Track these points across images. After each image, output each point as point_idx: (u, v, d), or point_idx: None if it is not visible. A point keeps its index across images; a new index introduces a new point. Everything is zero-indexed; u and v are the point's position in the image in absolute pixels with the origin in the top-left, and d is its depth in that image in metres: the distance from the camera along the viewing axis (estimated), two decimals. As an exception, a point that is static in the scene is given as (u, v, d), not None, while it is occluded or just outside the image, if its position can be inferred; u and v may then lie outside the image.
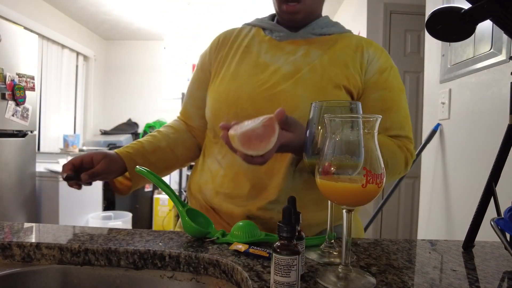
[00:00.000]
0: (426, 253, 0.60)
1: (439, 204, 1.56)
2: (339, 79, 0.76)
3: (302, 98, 0.73)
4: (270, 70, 0.78)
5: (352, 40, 0.83)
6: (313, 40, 0.82)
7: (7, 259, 0.59)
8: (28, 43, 2.44)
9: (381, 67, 0.80)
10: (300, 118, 0.70)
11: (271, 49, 0.82)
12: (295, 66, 0.77)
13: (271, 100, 0.74)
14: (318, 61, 0.78)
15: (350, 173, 0.43)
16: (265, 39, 0.85)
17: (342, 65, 0.78)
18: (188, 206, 0.65)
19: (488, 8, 0.52)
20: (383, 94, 0.78)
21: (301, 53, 0.80)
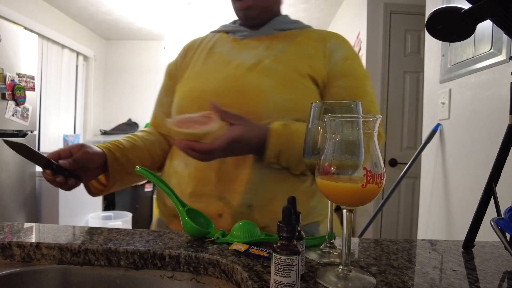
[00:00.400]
0: (426, 253, 0.60)
1: (439, 204, 1.56)
2: (304, 69, 0.77)
3: (267, 87, 0.74)
4: (233, 64, 0.80)
5: (314, 33, 0.86)
6: (275, 36, 0.85)
7: (7, 259, 0.59)
8: (28, 43, 2.44)
9: (344, 55, 0.82)
10: (266, 106, 0.72)
11: (235, 47, 0.84)
12: (258, 58, 0.79)
13: (236, 91, 0.75)
14: (281, 53, 0.80)
15: (350, 173, 0.43)
16: (228, 39, 0.87)
17: (306, 55, 0.80)
18: (188, 206, 0.65)
19: (488, 8, 0.52)
20: (348, 81, 0.79)
21: (264, 47, 0.82)
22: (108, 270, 0.57)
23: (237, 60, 0.80)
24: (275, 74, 0.76)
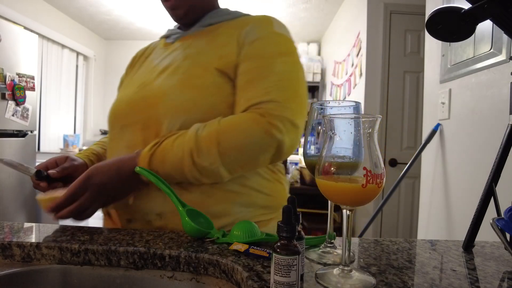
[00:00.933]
0: (426, 253, 0.60)
1: (439, 204, 1.56)
2: (209, 61, 0.72)
3: (169, 88, 0.71)
4: (151, 71, 0.79)
5: (240, 21, 0.78)
6: (200, 33, 0.81)
7: (7, 259, 0.59)
8: (28, 43, 2.45)
9: (254, 37, 0.72)
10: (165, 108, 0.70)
11: (163, 53, 0.83)
12: (172, 59, 0.77)
13: (142, 96, 0.74)
14: (195, 49, 0.77)
15: (350, 173, 0.43)
16: (161, 45, 0.86)
17: (218, 46, 0.74)
18: (189, 206, 0.65)
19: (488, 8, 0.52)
20: (249, 64, 0.70)
21: (185, 47, 0.79)
22: (108, 270, 0.57)
23: (156, 66, 0.79)
24: (181, 72, 0.72)
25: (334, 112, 0.55)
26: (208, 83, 0.70)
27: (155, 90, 0.73)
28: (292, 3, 3.42)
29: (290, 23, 3.97)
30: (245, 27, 0.75)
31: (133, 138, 0.73)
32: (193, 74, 0.71)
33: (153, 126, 0.70)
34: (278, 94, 0.66)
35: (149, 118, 0.71)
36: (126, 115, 0.75)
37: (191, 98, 0.69)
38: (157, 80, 0.74)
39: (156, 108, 0.70)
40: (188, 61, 0.74)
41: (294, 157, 3.32)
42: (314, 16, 3.76)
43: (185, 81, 0.71)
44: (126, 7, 3.65)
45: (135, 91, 0.77)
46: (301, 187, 2.97)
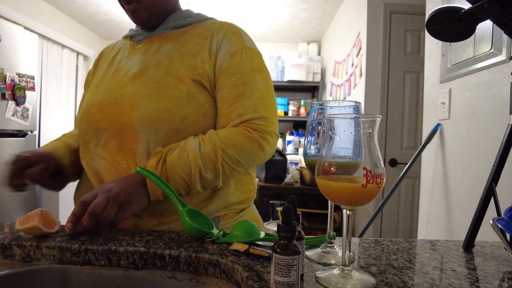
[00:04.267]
0: (426, 253, 0.60)
1: (439, 204, 1.56)
2: (183, 72, 0.74)
3: (142, 96, 0.72)
4: (122, 74, 0.78)
5: (206, 27, 0.81)
6: (167, 35, 0.81)
7: (7, 259, 0.59)
8: (28, 43, 2.45)
9: (231, 50, 0.76)
10: (139, 117, 0.70)
11: (130, 53, 0.82)
12: (143, 65, 0.77)
13: (115, 103, 0.74)
14: (165, 56, 0.77)
15: (350, 173, 0.43)
16: (127, 45, 0.85)
17: (189, 55, 0.76)
18: (189, 206, 0.65)
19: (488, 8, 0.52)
20: (235, 79, 0.74)
21: (153, 51, 0.79)
22: (108, 270, 0.57)
23: (125, 69, 0.79)
24: (154, 81, 0.73)
25: (334, 112, 0.56)
26: (182, 94, 0.72)
27: (127, 97, 0.73)
28: (292, 3, 3.42)
29: (290, 23, 3.97)
30: (214, 37, 0.78)
31: (109, 143, 0.74)
32: (167, 84, 0.73)
33: (128, 133, 0.71)
34: (264, 110, 0.74)
35: (123, 125, 0.71)
36: (99, 120, 0.74)
37: (165, 108, 0.71)
38: (129, 87, 0.74)
39: (130, 116, 0.71)
40: (160, 69, 0.75)
41: (294, 157, 3.33)
42: (314, 16, 3.76)
43: (159, 91, 0.72)
44: (126, 7, 3.65)
45: (105, 95, 0.76)
46: (301, 187, 2.97)
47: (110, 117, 0.73)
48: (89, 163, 0.76)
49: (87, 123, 0.77)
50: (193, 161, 0.67)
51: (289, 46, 4.54)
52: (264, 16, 3.74)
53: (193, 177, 0.68)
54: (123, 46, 0.87)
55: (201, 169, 0.68)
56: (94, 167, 0.75)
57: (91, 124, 0.76)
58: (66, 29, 3.91)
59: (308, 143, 0.57)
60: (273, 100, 0.78)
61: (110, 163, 0.73)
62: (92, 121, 0.76)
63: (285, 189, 2.98)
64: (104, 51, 0.93)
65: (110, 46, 0.92)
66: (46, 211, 0.63)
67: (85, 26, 4.31)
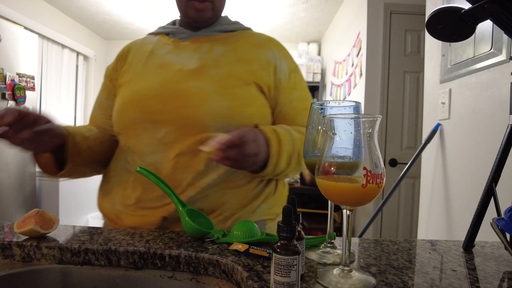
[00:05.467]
0: (426, 253, 0.60)
1: (439, 204, 1.56)
2: (244, 75, 0.77)
3: (210, 92, 0.73)
4: (175, 68, 0.78)
5: (254, 37, 0.87)
6: (215, 37, 0.84)
7: (7, 259, 0.59)
8: (28, 43, 2.44)
9: (289, 67, 0.85)
10: (210, 111, 0.72)
11: (175, 49, 0.83)
12: (199, 62, 0.78)
13: (177, 95, 0.74)
14: (222, 57, 0.80)
15: (350, 173, 0.43)
16: (168, 41, 0.86)
17: (246, 61, 0.80)
18: (189, 206, 0.65)
19: (488, 8, 0.52)
20: (301, 94, 0.85)
21: (205, 50, 0.81)
22: (108, 270, 0.57)
23: (178, 64, 0.79)
24: (218, 80, 0.75)
25: (334, 112, 0.55)
26: (246, 94, 0.76)
27: (193, 92, 0.74)
28: (292, 3, 3.42)
29: (290, 23, 3.97)
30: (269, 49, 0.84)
31: (169, 135, 0.73)
32: (232, 84, 0.76)
33: (194, 126, 0.72)
34: None
35: (188, 118, 0.72)
36: (159, 111, 0.74)
37: (234, 105, 0.74)
38: (191, 82, 0.75)
39: (199, 110, 0.72)
40: (221, 70, 0.77)
41: (294, 157, 3.32)
42: (314, 16, 3.76)
43: (226, 89, 0.75)
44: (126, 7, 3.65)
45: (161, 86, 0.76)
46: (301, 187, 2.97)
47: (174, 109, 0.73)
48: (143, 156, 0.74)
49: (142, 114, 0.75)
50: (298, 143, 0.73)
51: (289, 46, 4.53)
52: (264, 16, 3.74)
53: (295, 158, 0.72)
54: (159, 41, 0.87)
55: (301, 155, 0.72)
56: (145, 160, 0.74)
57: (147, 115, 0.74)
58: (66, 29, 3.91)
59: (308, 143, 0.57)
60: None
61: (168, 157, 0.72)
62: (149, 113, 0.74)
63: (285, 189, 2.97)
64: (131, 46, 0.91)
65: (138, 42, 0.91)
66: (42, 211, 0.63)
67: (85, 26, 4.31)
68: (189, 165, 0.71)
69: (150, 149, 0.74)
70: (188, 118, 0.72)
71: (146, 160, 0.74)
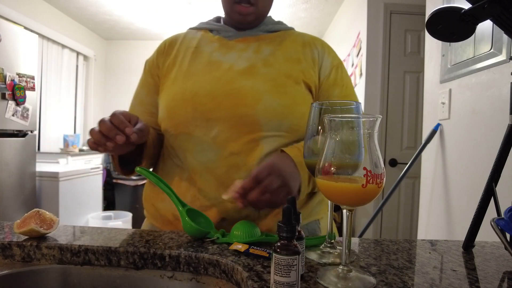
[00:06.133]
0: (426, 253, 0.60)
1: (439, 204, 1.56)
2: (296, 74, 0.78)
3: (263, 91, 0.73)
4: (224, 67, 0.78)
5: (298, 36, 0.86)
6: (262, 37, 0.84)
7: (7, 259, 0.59)
8: (28, 43, 2.44)
9: (332, 63, 0.84)
10: (264, 110, 0.72)
11: (222, 48, 0.82)
12: (249, 62, 0.78)
13: (231, 94, 0.74)
14: (271, 57, 0.80)
15: (350, 173, 0.43)
16: (214, 38, 0.85)
17: (295, 60, 0.80)
18: (189, 206, 0.65)
19: (488, 8, 0.52)
20: (344, 91, 0.83)
21: (253, 49, 0.81)
22: (108, 270, 0.57)
23: (227, 62, 0.79)
24: (269, 79, 0.75)
25: (334, 112, 0.55)
26: (298, 93, 0.76)
27: (246, 90, 0.74)
28: (292, 3, 3.42)
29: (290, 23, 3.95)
30: (314, 47, 0.83)
31: (223, 134, 0.72)
32: (284, 83, 0.76)
33: (248, 125, 0.72)
34: None
35: (243, 117, 0.72)
36: (213, 109, 0.73)
37: (288, 104, 0.74)
38: (244, 81, 0.75)
39: (254, 108, 0.72)
40: (272, 69, 0.77)
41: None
42: (314, 16, 3.76)
43: (278, 88, 0.75)
44: (126, 7, 3.65)
45: (214, 86, 0.75)
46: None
47: (228, 108, 0.73)
48: (195, 154, 0.74)
49: (194, 111, 0.74)
50: None
51: (289, 46, 4.53)
52: (264, 16, 3.73)
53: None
54: (203, 38, 0.85)
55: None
56: (197, 158, 0.73)
57: (200, 113, 0.74)
58: (66, 29, 3.91)
59: (308, 143, 0.57)
60: None
61: (221, 155, 0.71)
62: (203, 111, 0.74)
63: (285, 189, 2.97)
64: (172, 40, 0.88)
65: (180, 37, 0.88)
66: (42, 211, 0.63)
67: (85, 26, 4.31)
68: (243, 164, 0.71)
69: (203, 147, 0.73)
70: (242, 116, 0.72)
71: (198, 158, 0.73)
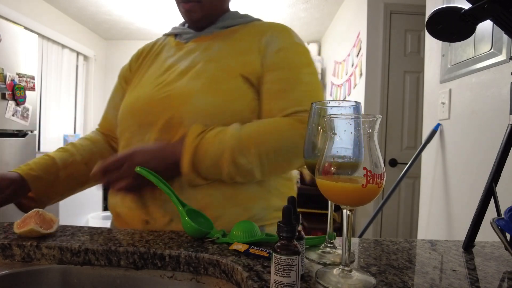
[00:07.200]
0: (426, 253, 0.60)
1: (439, 204, 1.56)
2: (235, 67, 0.74)
3: (194, 91, 0.71)
4: (170, 71, 0.78)
5: (256, 27, 0.82)
6: (217, 34, 0.82)
7: (7, 259, 0.59)
8: (28, 43, 2.44)
9: (277, 46, 0.76)
10: (190, 111, 0.70)
11: (177, 52, 0.82)
12: (192, 61, 0.77)
13: (164, 97, 0.73)
14: (217, 53, 0.77)
15: (350, 173, 0.43)
16: (173, 44, 0.85)
17: (240, 52, 0.77)
18: (188, 206, 0.65)
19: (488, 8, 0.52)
20: (279, 74, 0.74)
21: (202, 48, 0.79)
22: (108, 270, 0.57)
23: (175, 66, 0.78)
24: (205, 76, 0.73)
25: (334, 112, 0.55)
26: (232, 88, 0.72)
27: (178, 91, 0.72)
28: (292, 3, 3.42)
29: (290, 23, 3.97)
30: (264, 35, 0.78)
31: (152, 137, 0.72)
32: (218, 79, 0.72)
33: (176, 127, 0.70)
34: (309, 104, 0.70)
35: (172, 119, 0.71)
36: (146, 114, 0.73)
37: (216, 103, 0.70)
38: (180, 81, 0.74)
39: (180, 110, 0.70)
40: (211, 64, 0.75)
41: (294, 157, 3.32)
42: (314, 16, 3.76)
43: (210, 85, 0.72)
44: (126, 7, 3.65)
45: (153, 90, 0.76)
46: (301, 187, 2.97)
47: (158, 112, 0.72)
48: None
49: (132, 118, 0.76)
50: (228, 140, 0.66)
51: (289, 46, 4.53)
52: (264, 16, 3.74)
53: (226, 156, 0.65)
54: (167, 44, 0.87)
55: (234, 150, 0.65)
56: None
57: (136, 119, 0.75)
58: (66, 29, 3.91)
59: (308, 143, 0.57)
60: (320, 95, 0.76)
61: None
62: (138, 116, 0.75)
63: (285, 189, 2.97)
64: (144, 48, 0.91)
65: (151, 44, 0.91)
66: (42, 211, 0.63)
67: (85, 26, 4.31)
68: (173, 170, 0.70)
69: None
70: (169, 119, 0.71)
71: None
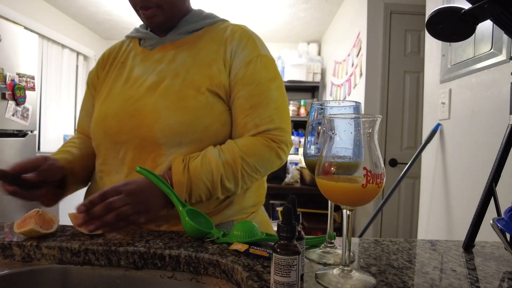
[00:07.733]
0: (426, 253, 0.60)
1: (439, 204, 1.56)
2: (201, 82, 0.73)
3: (163, 109, 0.71)
4: (137, 84, 0.77)
5: (219, 32, 0.80)
6: (181, 42, 0.80)
7: (7, 259, 0.59)
8: (28, 43, 2.44)
9: (246, 58, 0.76)
10: (162, 129, 0.70)
11: (143, 61, 0.81)
12: (159, 75, 0.76)
13: (134, 115, 0.73)
14: (181, 66, 0.76)
15: (350, 173, 0.43)
16: (138, 50, 0.83)
17: (205, 65, 0.75)
18: (189, 206, 0.65)
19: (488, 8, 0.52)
20: (250, 89, 0.74)
21: (168, 60, 0.78)
22: (108, 270, 0.57)
23: (142, 78, 0.77)
24: (172, 93, 0.72)
25: (334, 112, 0.56)
26: (201, 104, 0.72)
27: (149, 109, 0.72)
28: (292, 3, 3.42)
29: (290, 23, 3.97)
30: (229, 43, 0.77)
31: (129, 156, 0.73)
32: (186, 96, 0.72)
33: (150, 146, 0.71)
34: (280, 120, 0.75)
35: (144, 139, 0.71)
36: (118, 132, 0.73)
37: (187, 121, 0.71)
38: (148, 98, 0.73)
39: (151, 129, 0.70)
40: (178, 80, 0.74)
41: (294, 157, 3.32)
42: (314, 16, 3.76)
43: (179, 103, 0.71)
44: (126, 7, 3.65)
45: (121, 105, 0.75)
46: (301, 187, 2.97)
47: (129, 130, 0.72)
48: (109, 176, 0.76)
49: (104, 135, 0.75)
50: (215, 168, 0.68)
51: (289, 46, 4.54)
52: (264, 16, 3.74)
53: (215, 184, 0.69)
54: (132, 50, 0.84)
55: (223, 177, 0.69)
56: (112, 180, 0.74)
57: (109, 136, 0.75)
58: (66, 29, 3.91)
59: (308, 143, 0.57)
60: (287, 109, 0.79)
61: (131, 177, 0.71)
62: (110, 134, 0.74)
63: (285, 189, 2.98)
64: (110, 52, 0.89)
65: (116, 47, 0.88)
66: (42, 211, 0.63)
67: (85, 26, 4.31)
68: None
69: (114, 169, 0.75)
70: (143, 138, 0.71)
71: (112, 179, 0.75)
